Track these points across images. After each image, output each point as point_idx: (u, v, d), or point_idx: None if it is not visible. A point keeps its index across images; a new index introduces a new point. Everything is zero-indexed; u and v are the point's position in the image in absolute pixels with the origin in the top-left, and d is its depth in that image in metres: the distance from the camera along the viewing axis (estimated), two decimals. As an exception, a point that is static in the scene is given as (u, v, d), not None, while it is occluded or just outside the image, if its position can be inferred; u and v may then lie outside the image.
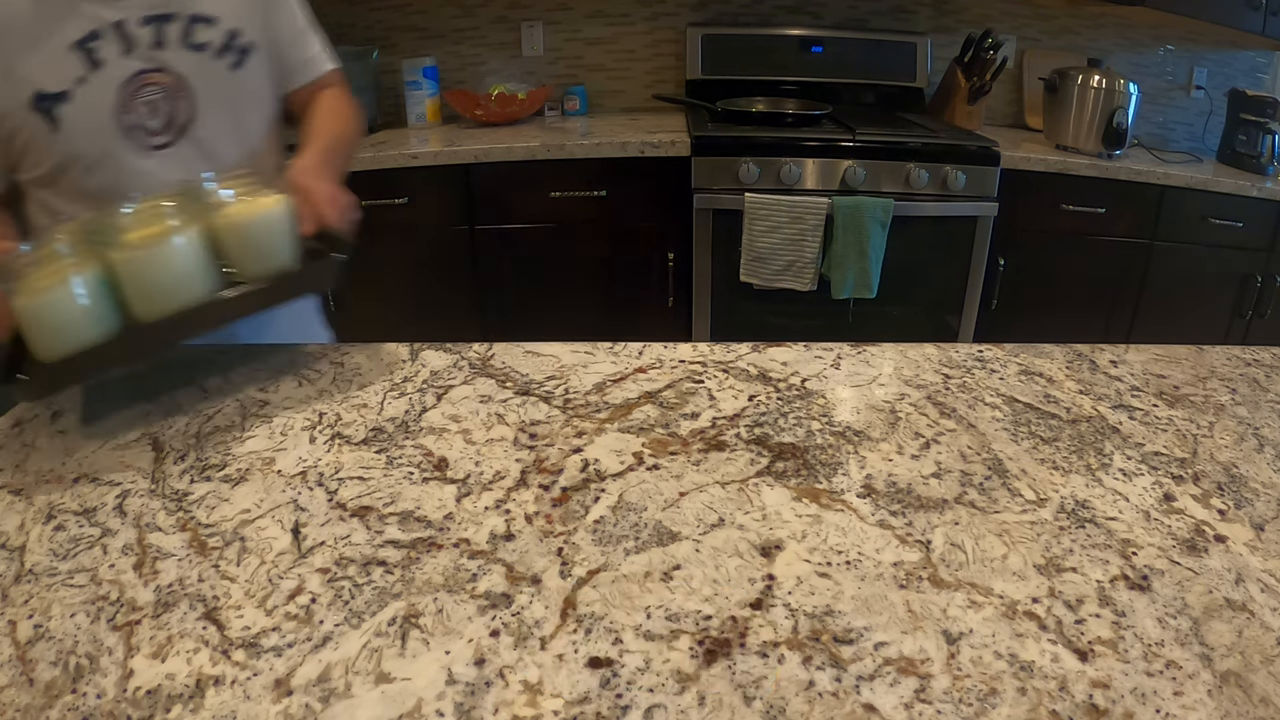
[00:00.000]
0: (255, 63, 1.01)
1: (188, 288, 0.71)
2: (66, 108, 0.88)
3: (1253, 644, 0.43)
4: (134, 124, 0.92)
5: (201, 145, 0.98)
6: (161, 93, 0.93)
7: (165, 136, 0.95)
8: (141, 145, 0.93)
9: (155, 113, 0.93)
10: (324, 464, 0.60)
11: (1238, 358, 0.80)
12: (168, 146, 0.95)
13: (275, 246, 0.75)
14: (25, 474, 0.60)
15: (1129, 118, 2.16)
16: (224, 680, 0.41)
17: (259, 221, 0.74)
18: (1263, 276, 2.15)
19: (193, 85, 0.95)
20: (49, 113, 0.88)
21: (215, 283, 0.73)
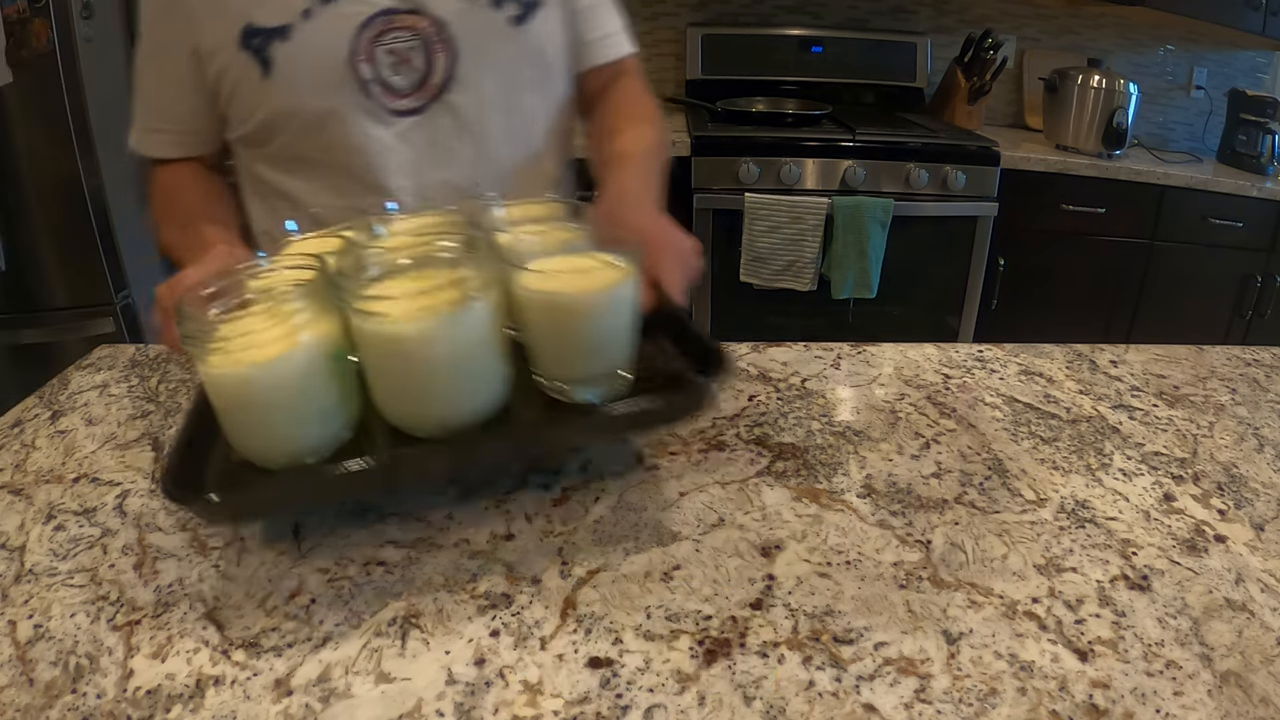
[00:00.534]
0: (544, 22, 0.77)
1: (469, 392, 0.49)
2: (284, 47, 0.69)
3: (1253, 644, 0.43)
4: (371, 77, 0.71)
5: (459, 117, 0.76)
6: (413, 40, 0.71)
7: (412, 99, 0.73)
8: (379, 107, 0.73)
9: (402, 66, 0.72)
10: (324, 464, 0.60)
11: (1238, 358, 0.80)
12: (414, 113, 0.74)
13: (608, 345, 0.51)
14: (25, 474, 0.60)
15: (1129, 118, 2.16)
16: (224, 680, 0.41)
17: (596, 305, 0.49)
18: (1263, 276, 2.15)
19: (455, 36, 0.73)
20: (261, 52, 0.69)
21: (503, 385, 0.51)
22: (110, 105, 2.05)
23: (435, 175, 0.78)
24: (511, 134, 0.80)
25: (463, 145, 0.78)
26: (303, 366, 0.46)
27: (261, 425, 0.47)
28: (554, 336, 0.51)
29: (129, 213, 2.14)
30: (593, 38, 0.85)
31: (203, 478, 0.48)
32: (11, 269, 1.98)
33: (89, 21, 1.94)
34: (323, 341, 0.47)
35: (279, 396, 0.46)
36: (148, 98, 0.80)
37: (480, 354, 0.49)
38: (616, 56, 0.87)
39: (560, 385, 0.52)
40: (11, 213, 1.95)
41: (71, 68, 1.88)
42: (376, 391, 0.50)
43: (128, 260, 2.10)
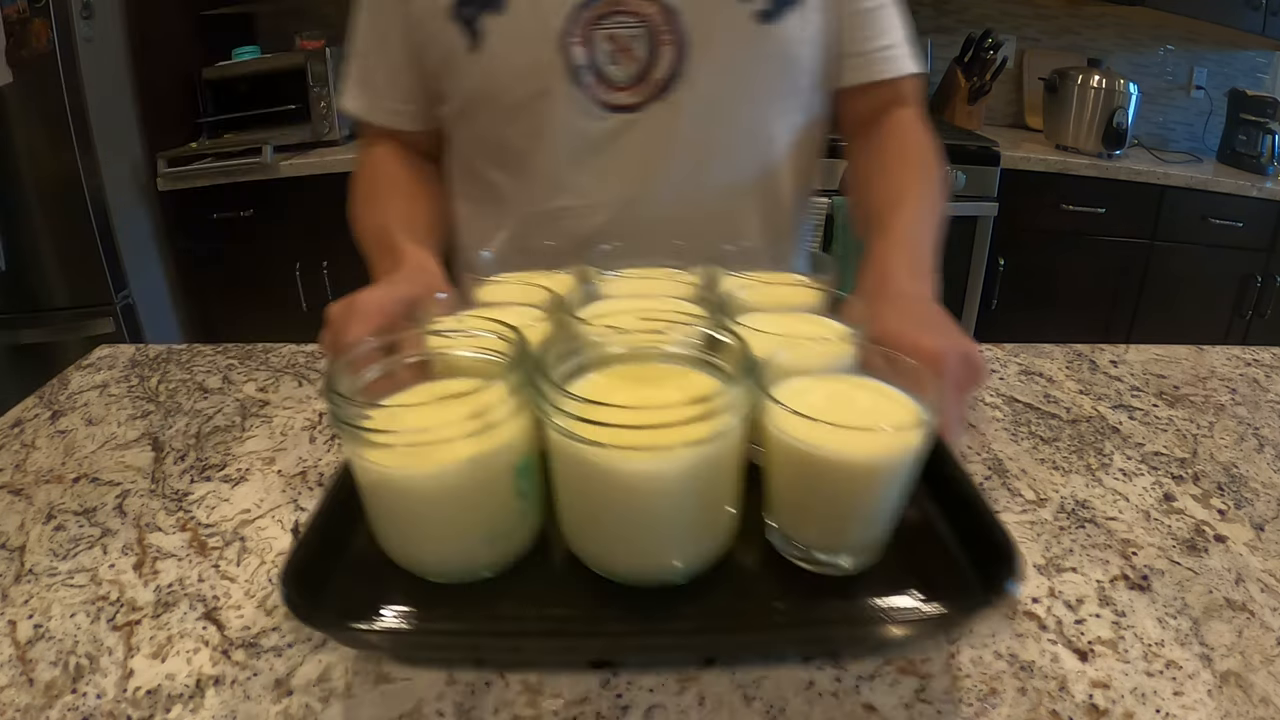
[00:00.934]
0: (799, 24, 0.67)
1: (687, 542, 0.40)
2: (495, 20, 0.64)
3: (1253, 644, 0.43)
4: (585, 63, 0.65)
5: (679, 121, 0.67)
6: (638, 28, 0.64)
7: (628, 94, 0.66)
8: (590, 98, 0.66)
9: (621, 55, 0.64)
10: (324, 464, 0.60)
11: (1238, 358, 0.80)
12: (629, 110, 0.66)
13: (875, 517, 0.40)
14: (25, 474, 0.60)
15: (1129, 118, 2.16)
16: (224, 680, 0.41)
17: (874, 475, 0.38)
18: (1263, 276, 2.15)
19: (687, 27, 0.64)
20: (471, 24, 0.64)
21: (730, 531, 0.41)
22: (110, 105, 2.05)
23: (646, 185, 0.71)
24: (739, 149, 0.70)
25: (680, 154, 0.68)
26: (479, 481, 0.38)
27: (418, 535, 0.40)
28: (808, 496, 0.40)
29: (129, 213, 2.14)
30: (863, 49, 0.70)
31: (332, 581, 0.41)
32: (11, 269, 1.98)
33: (89, 21, 1.95)
34: (510, 450, 0.39)
35: (444, 511, 0.38)
36: (360, 56, 0.77)
37: (712, 500, 0.39)
38: (891, 75, 0.72)
39: (801, 547, 0.41)
40: (11, 213, 1.95)
41: (71, 68, 1.89)
42: (567, 515, 0.41)
43: (128, 260, 2.10)
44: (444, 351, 0.44)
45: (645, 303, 0.52)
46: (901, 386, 0.41)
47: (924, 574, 0.40)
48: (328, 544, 0.42)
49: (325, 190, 2.14)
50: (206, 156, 2.13)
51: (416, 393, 0.42)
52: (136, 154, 2.17)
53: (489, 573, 0.40)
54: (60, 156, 1.92)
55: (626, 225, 0.74)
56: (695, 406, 0.35)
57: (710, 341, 0.42)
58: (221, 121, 2.31)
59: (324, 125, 2.24)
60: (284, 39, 2.47)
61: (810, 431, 0.37)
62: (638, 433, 0.34)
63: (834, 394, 0.42)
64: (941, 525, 0.44)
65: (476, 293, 0.55)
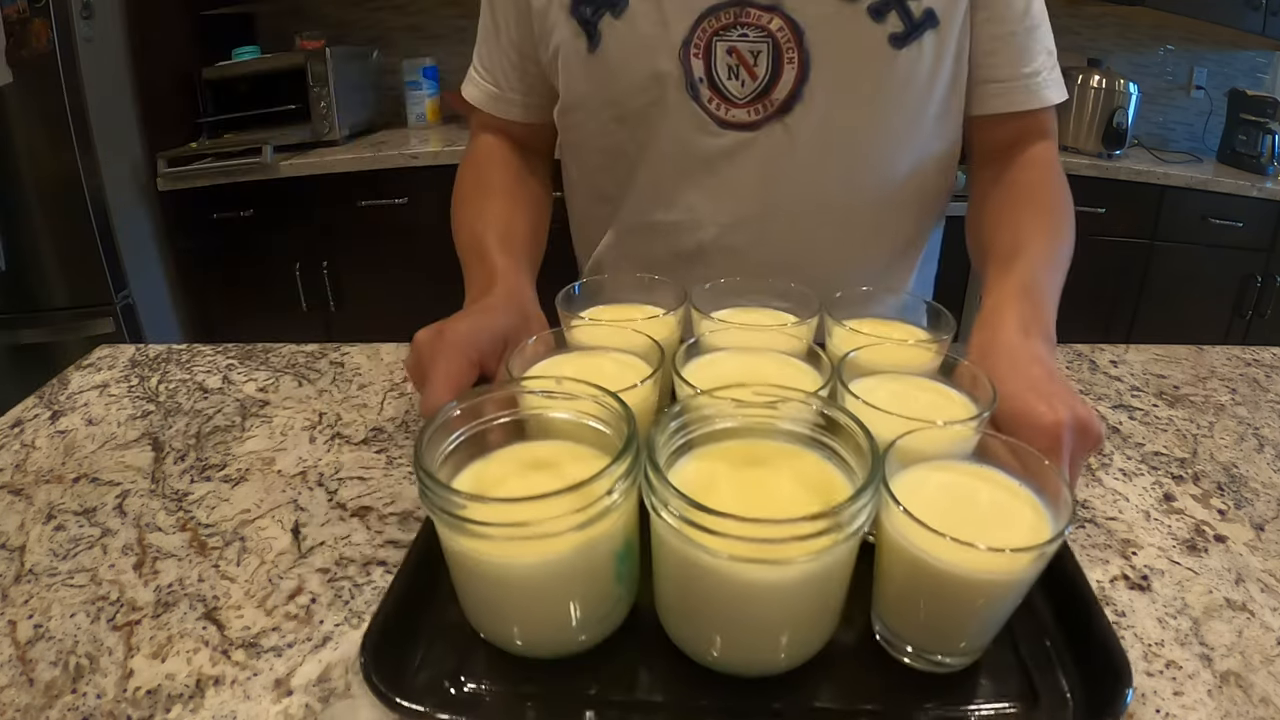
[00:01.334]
0: (934, 50, 0.63)
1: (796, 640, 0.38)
2: (614, 23, 0.62)
3: (1253, 644, 0.43)
4: (701, 76, 0.63)
5: (796, 145, 0.64)
6: (761, 41, 0.61)
7: (745, 110, 0.63)
8: (704, 112, 0.64)
9: (740, 69, 0.62)
10: (324, 464, 0.60)
11: (1238, 358, 0.80)
12: (745, 128, 0.64)
13: (987, 626, 0.38)
14: (25, 474, 0.60)
15: (1129, 118, 2.16)
16: (224, 680, 0.41)
17: (994, 588, 0.36)
18: (1263, 276, 2.15)
19: (812, 45, 0.61)
20: (591, 24, 0.62)
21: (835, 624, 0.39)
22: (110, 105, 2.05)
23: (757, 208, 0.70)
24: (858, 178, 0.66)
25: (795, 178, 0.65)
26: (580, 569, 0.37)
27: (511, 617, 0.39)
28: (922, 599, 0.38)
29: (129, 213, 2.14)
30: (1004, 76, 0.66)
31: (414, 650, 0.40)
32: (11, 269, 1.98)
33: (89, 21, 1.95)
34: (613, 538, 0.37)
35: (542, 597, 0.37)
36: (480, 42, 0.76)
37: (823, 602, 0.37)
38: (1033, 107, 0.67)
39: (906, 645, 0.40)
40: (11, 213, 1.95)
41: (71, 68, 1.89)
42: (665, 600, 0.40)
43: (128, 260, 2.10)
44: (539, 413, 0.42)
45: (752, 359, 0.50)
46: (1025, 480, 0.39)
47: (1027, 676, 0.39)
48: (407, 613, 0.41)
49: (325, 190, 2.14)
50: (206, 156, 2.13)
51: (509, 460, 0.41)
52: (136, 154, 2.17)
53: (579, 650, 0.39)
54: (60, 156, 1.92)
55: (733, 247, 0.72)
56: (818, 522, 0.32)
57: (827, 419, 0.40)
58: (221, 121, 2.31)
59: (324, 125, 2.24)
60: (284, 39, 2.47)
61: (932, 542, 0.34)
62: (755, 545, 0.33)
63: (954, 488, 0.39)
64: (1049, 622, 0.42)
65: (570, 333, 0.53)
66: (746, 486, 0.39)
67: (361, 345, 0.81)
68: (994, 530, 0.37)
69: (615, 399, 0.40)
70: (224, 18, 2.44)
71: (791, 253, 0.72)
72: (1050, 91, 0.69)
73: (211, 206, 2.19)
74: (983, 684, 0.39)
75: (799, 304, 0.58)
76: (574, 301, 0.59)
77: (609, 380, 0.42)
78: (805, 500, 0.38)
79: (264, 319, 2.33)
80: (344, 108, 2.26)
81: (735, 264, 0.72)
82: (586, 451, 0.41)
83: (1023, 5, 0.67)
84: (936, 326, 0.56)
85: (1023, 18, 0.67)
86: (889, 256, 0.76)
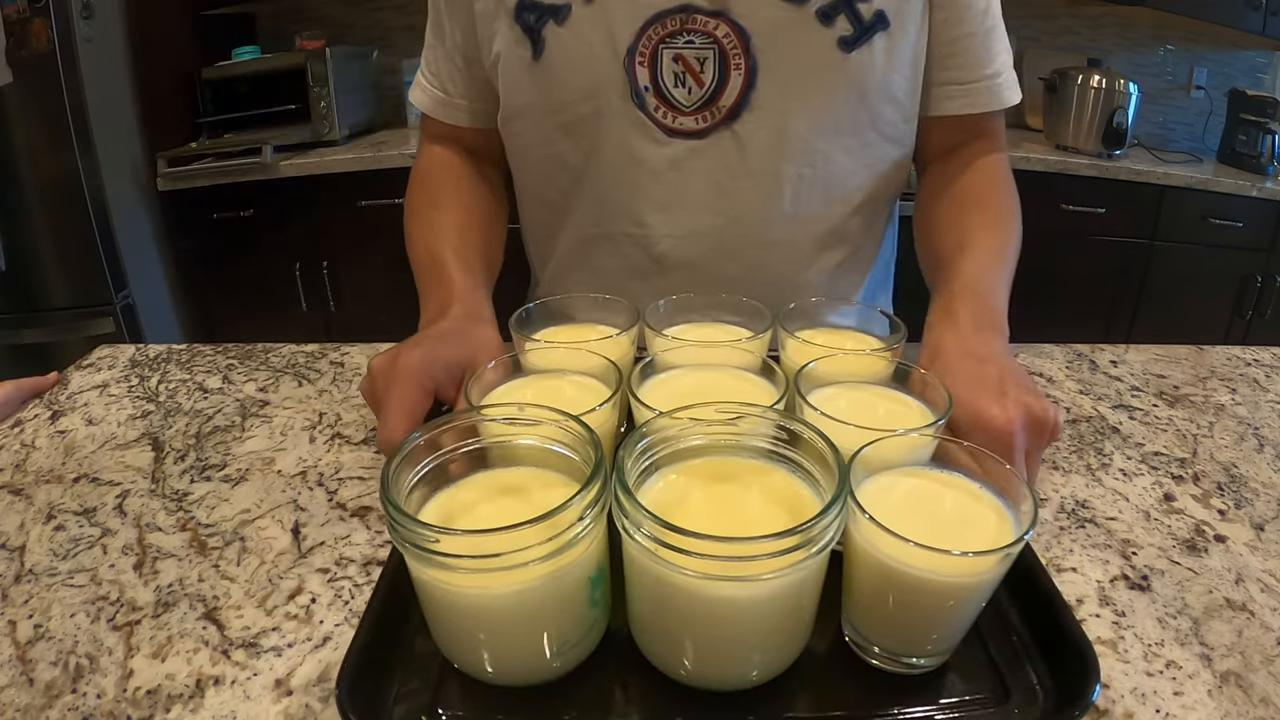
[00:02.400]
0: (886, 54, 0.62)
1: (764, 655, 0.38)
2: (558, 31, 0.61)
3: (1253, 644, 0.43)
4: (646, 83, 0.62)
5: (745, 153, 0.64)
6: (707, 48, 0.60)
7: (692, 118, 0.62)
8: (650, 121, 0.63)
9: (688, 75, 0.61)
10: (324, 464, 0.60)
11: (1238, 358, 0.80)
12: (692, 136, 0.63)
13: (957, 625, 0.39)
14: (25, 474, 0.60)
15: (1129, 118, 2.16)
16: (224, 680, 0.41)
17: (962, 590, 0.37)
18: (1263, 276, 2.15)
19: (759, 51, 0.60)
20: (535, 31, 0.61)
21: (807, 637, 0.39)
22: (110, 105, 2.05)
23: (708, 217, 0.69)
24: (809, 185, 0.65)
25: (745, 187, 0.65)
26: (553, 596, 0.36)
27: (484, 646, 0.38)
28: (891, 605, 0.38)
29: (129, 213, 2.14)
30: (965, 78, 0.65)
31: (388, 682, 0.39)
32: (11, 269, 1.98)
33: (89, 21, 1.95)
34: (585, 564, 0.37)
35: (515, 626, 0.37)
36: (427, 47, 0.76)
37: (795, 615, 0.38)
38: (994, 108, 0.66)
39: (877, 649, 0.40)
40: (11, 213, 1.96)
41: (71, 68, 1.89)
42: (638, 619, 0.40)
43: (128, 260, 2.11)
44: (503, 440, 0.42)
45: (708, 375, 0.51)
46: (986, 484, 0.40)
47: (997, 672, 0.40)
48: (380, 644, 0.40)
49: (325, 190, 2.14)
50: (206, 156, 2.14)
51: (475, 488, 0.41)
52: (136, 154, 2.17)
53: (554, 676, 0.39)
54: (60, 156, 1.92)
55: (689, 259, 0.72)
56: (790, 538, 0.32)
57: (789, 433, 0.40)
58: (221, 121, 2.31)
59: (324, 125, 2.24)
60: (284, 39, 2.47)
61: (900, 549, 0.35)
62: (727, 563, 0.33)
63: (917, 494, 0.40)
64: (1015, 620, 0.43)
65: (525, 356, 0.53)
66: (714, 503, 0.40)
67: (361, 345, 0.81)
68: (959, 534, 0.38)
69: (579, 423, 0.40)
70: (224, 18, 2.44)
71: (747, 262, 0.71)
72: (1010, 93, 0.68)
73: (211, 206, 2.19)
74: (954, 683, 0.39)
75: (752, 318, 0.58)
76: (528, 324, 0.59)
77: (568, 403, 0.42)
78: (773, 515, 0.39)
79: (264, 319, 2.33)
80: (344, 108, 2.26)
81: (692, 275, 0.72)
82: (553, 477, 0.41)
83: (983, 4, 0.65)
84: (887, 333, 0.56)
85: (983, 18, 0.65)
86: (845, 261, 0.75)
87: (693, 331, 0.58)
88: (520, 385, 0.52)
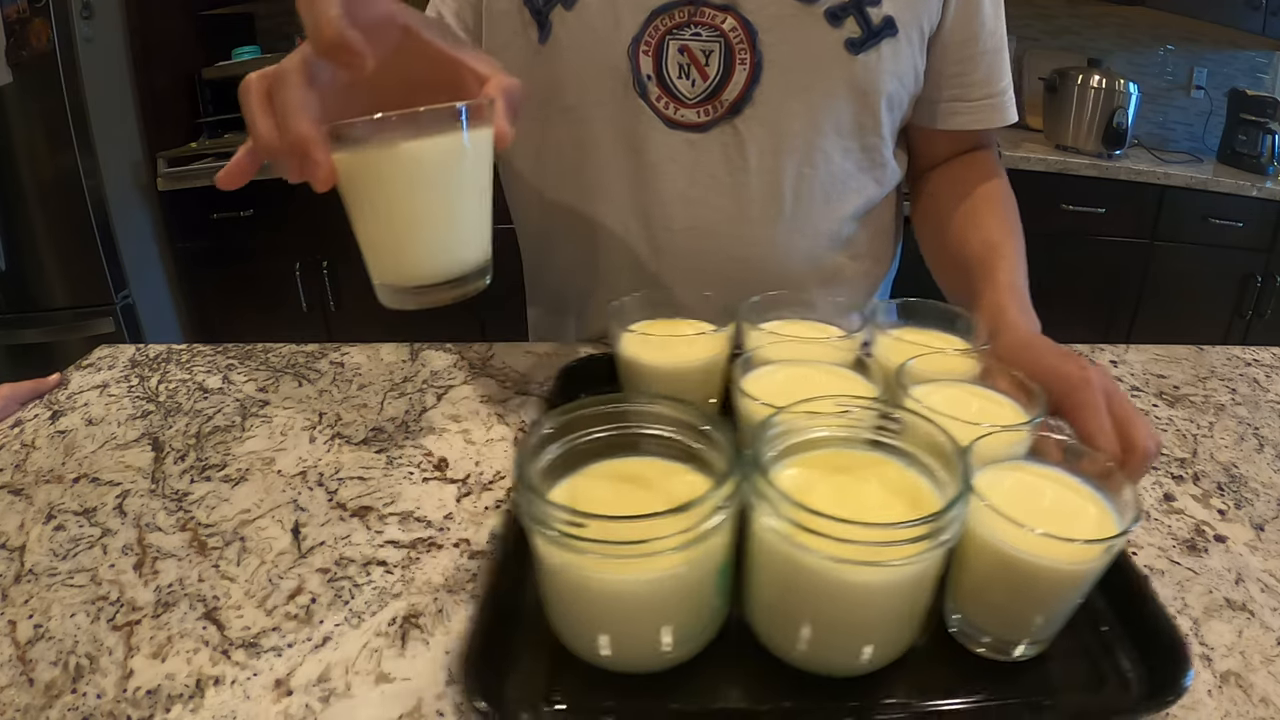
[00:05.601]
0: (890, 56, 0.63)
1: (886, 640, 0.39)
2: (565, 16, 0.61)
3: (1253, 644, 0.43)
4: (650, 73, 0.62)
5: (745, 149, 0.64)
6: (713, 41, 0.60)
7: (695, 111, 0.63)
8: (653, 112, 0.63)
9: (693, 67, 0.61)
10: (324, 464, 0.60)
11: (1238, 358, 0.80)
12: (694, 129, 0.64)
13: (1063, 612, 0.40)
14: (25, 474, 0.60)
15: (1129, 118, 2.16)
16: (224, 680, 0.41)
17: (1074, 578, 0.38)
18: (1263, 276, 2.15)
19: (765, 47, 0.61)
20: (542, 15, 0.61)
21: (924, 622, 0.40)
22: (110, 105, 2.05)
23: (703, 211, 0.69)
24: (811, 189, 0.66)
25: (746, 185, 0.65)
26: (683, 587, 0.37)
27: (607, 634, 0.39)
28: (1001, 592, 0.39)
29: (129, 213, 2.14)
30: (974, 95, 0.67)
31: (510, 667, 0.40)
32: (11, 269, 1.99)
33: (89, 21, 1.95)
34: (716, 554, 0.37)
35: (642, 615, 0.37)
36: None
37: (919, 602, 0.38)
38: (1000, 124, 0.69)
39: (982, 636, 0.41)
40: (11, 213, 1.96)
41: (71, 68, 1.89)
42: (759, 605, 0.40)
43: (128, 260, 2.11)
44: (626, 429, 0.42)
45: (805, 371, 0.51)
46: (1084, 477, 0.41)
47: (1092, 661, 0.41)
48: (498, 629, 0.41)
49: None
50: (206, 156, 2.14)
51: (601, 474, 0.41)
52: (136, 154, 2.17)
53: (668, 666, 0.39)
54: (60, 156, 1.92)
55: (681, 249, 0.71)
56: (921, 527, 0.33)
57: (902, 427, 0.41)
58: (221, 121, 2.31)
59: (324, 125, 2.23)
60: (284, 39, 2.47)
61: (1021, 537, 0.36)
62: (860, 548, 0.34)
63: (1023, 486, 0.42)
64: (1104, 609, 0.44)
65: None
66: (839, 493, 0.41)
67: (361, 345, 0.81)
68: (1065, 523, 0.39)
69: (711, 423, 0.40)
70: (224, 18, 2.44)
71: (745, 259, 0.71)
72: (1012, 111, 0.71)
73: (211, 206, 2.19)
74: (1052, 670, 0.40)
75: (839, 315, 0.59)
76: (624, 314, 0.58)
77: None
78: (894, 505, 0.39)
79: (264, 319, 2.33)
80: (344, 108, 2.26)
81: (688, 270, 0.72)
82: (676, 466, 0.42)
83: (992, 24, 0.68)
84: (958, 330, 0.58)
85: (991, 37, 0.68)
86: (846, 264, 0.76)
87: (786, 328, 0.58)
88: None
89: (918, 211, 0.76)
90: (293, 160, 0.43)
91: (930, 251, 0.75)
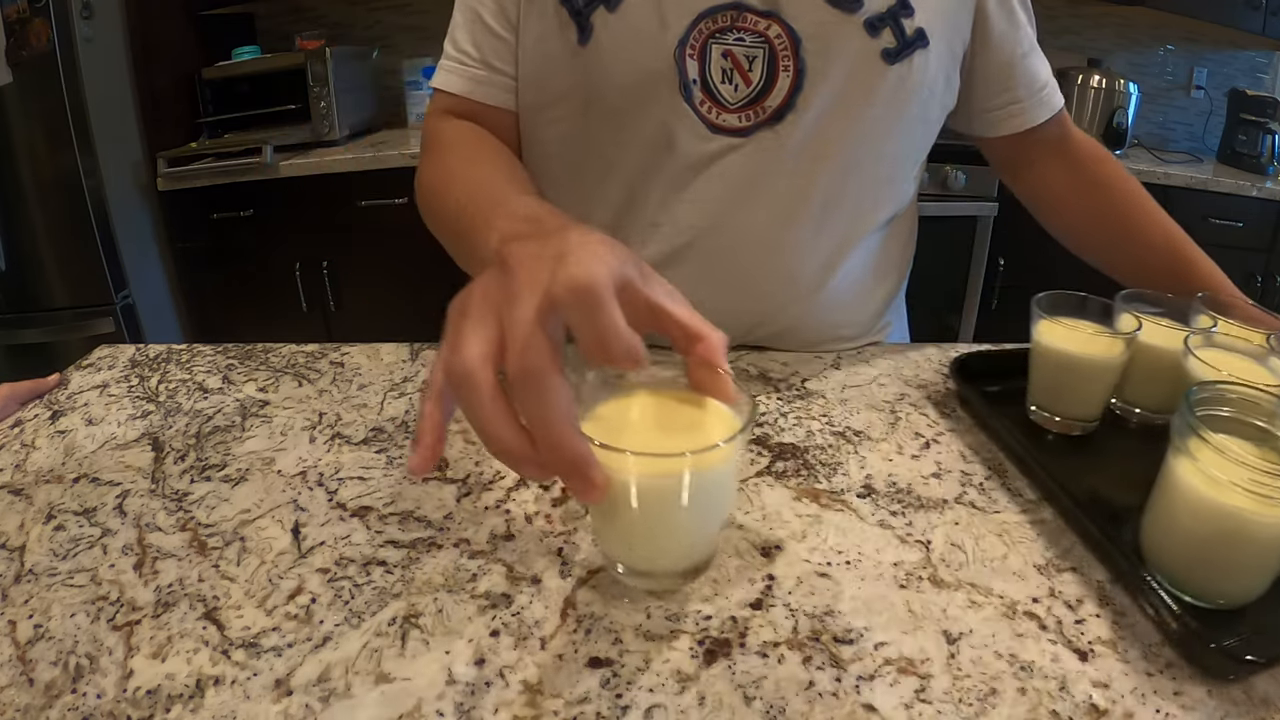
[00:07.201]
0: (922, 66, 0.64)
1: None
2: (608, 17, 0.61)
3: (1253, 644, 0.43)
4: (695, 77, 0.62)
5: (784, 153, 0.65)
6: (757, 47, 0.61)
7: (737, 116, 0.63)
8: (695, 115, 0.63)
9: (736, 72, 0.61)
10: (324, 464, 0.60)
11: (1238, 358, 0.80)
12: (736, 133, 0.64)
13: None
14: (25, 474, 0.60)
15: (1129, 118, 2.16)
16: (224, 680, 0.41)
17: None
18: (1263, 276, 2.15)
19: (809, 54, 0.61)
20: (583, 15, 0.61)
21: None
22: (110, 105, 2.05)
23: (736, 214, 0.69)
24: (841, 196, 0.67)
25: (779, 187, 0.66)
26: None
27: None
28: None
29: (129, 213, 2.14)
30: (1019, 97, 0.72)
31: None
32: (11, 269, 1.99)
33: (89, 21, 1.95)
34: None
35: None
36: (461, 25, 0.70)
37: None
38: (1046, 118, 0.74)
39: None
40: (11, 213, 1.96)
41: (71, 68, 1.89)
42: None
43: (128, 260, 2.11)
44: None
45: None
46: None
47: None
48: None
49: (325, 190, 2.14)
50: (206, 156, 2.14)
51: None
52: (136, 154, 2.17)
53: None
54: (60, 156, 1.92)
55: (705, 249, 0.71)
56: None
57: None
58: (221, 121, 2.31)
59: (324, 125, 2.24)
60: (284, 39, 2.47)
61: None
62: None
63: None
64: None
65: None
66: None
67: (361, 345, 0.81)
68: None
69: None
70: (224, 18, 2.44)
71: (767, 260, 0.72)
72: (1058, 96, 0.76)
73: (211, 206, 2.19)
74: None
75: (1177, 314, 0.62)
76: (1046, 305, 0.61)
77: None
78: None
79: (264, 319, 2.33)
80: (344, 108, 2.26)
81: (708, 269, 0.72)
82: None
83: (1024, 26, 0.71)
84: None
85: (1028, 37, 0.72)
86: (865, 269, 0.77)
87: None
88: None
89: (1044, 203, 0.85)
90: (544, 472, 0.35)
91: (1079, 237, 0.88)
